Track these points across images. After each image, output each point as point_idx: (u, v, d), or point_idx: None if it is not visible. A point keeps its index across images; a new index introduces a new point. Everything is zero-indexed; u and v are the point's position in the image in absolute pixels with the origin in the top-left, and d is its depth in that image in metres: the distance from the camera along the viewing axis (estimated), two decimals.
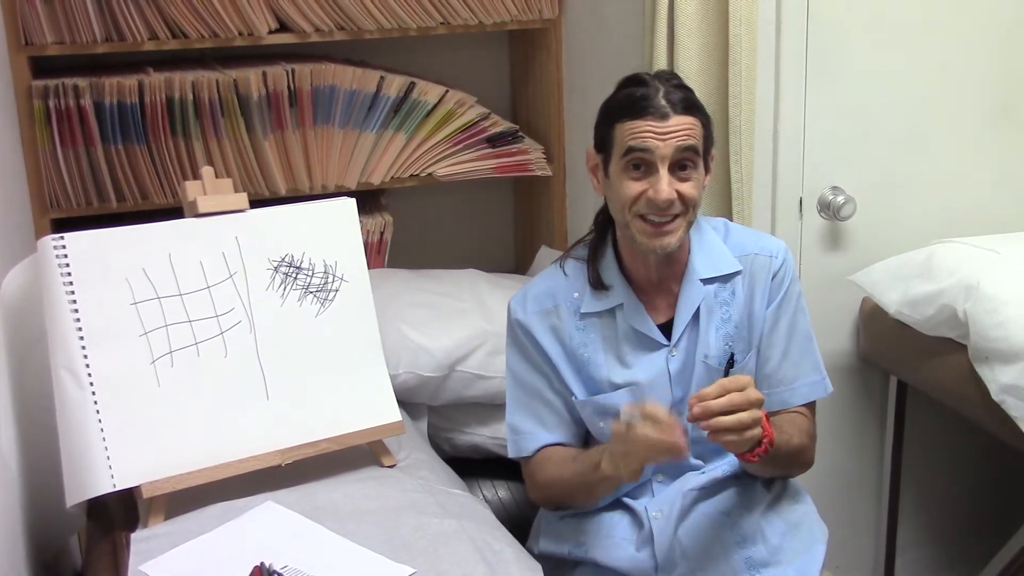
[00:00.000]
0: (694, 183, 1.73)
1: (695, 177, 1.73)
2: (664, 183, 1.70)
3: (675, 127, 1.70)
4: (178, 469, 1.73)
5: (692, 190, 1.73)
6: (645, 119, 1.71)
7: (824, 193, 2.41)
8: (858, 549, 2.64)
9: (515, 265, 3.21)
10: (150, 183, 2.53)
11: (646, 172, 1.72)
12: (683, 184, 1.72)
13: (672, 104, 1.71)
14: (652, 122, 1.70)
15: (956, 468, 2.65)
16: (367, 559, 1.60)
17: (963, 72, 2.43)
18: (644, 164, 1.72)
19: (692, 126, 1.72)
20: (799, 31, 2.31)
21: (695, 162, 1.73)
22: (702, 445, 1.83)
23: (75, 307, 1.70)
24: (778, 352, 1.85)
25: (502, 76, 3.09)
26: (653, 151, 1.70)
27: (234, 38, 2.52)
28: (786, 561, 1.84)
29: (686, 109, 1.72)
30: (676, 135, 1.70)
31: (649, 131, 1.71)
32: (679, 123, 1.71)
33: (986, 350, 2.05)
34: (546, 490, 1.89)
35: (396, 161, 2.74)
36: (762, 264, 1.85)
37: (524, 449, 1.89)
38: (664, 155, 1.70)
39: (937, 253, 2.28)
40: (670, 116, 1.71)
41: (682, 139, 1.71)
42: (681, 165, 1.72)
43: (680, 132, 1.71)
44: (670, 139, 1.70)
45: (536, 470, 1.89)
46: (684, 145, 1.71)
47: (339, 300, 1.91)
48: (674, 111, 1.71)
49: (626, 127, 1.73)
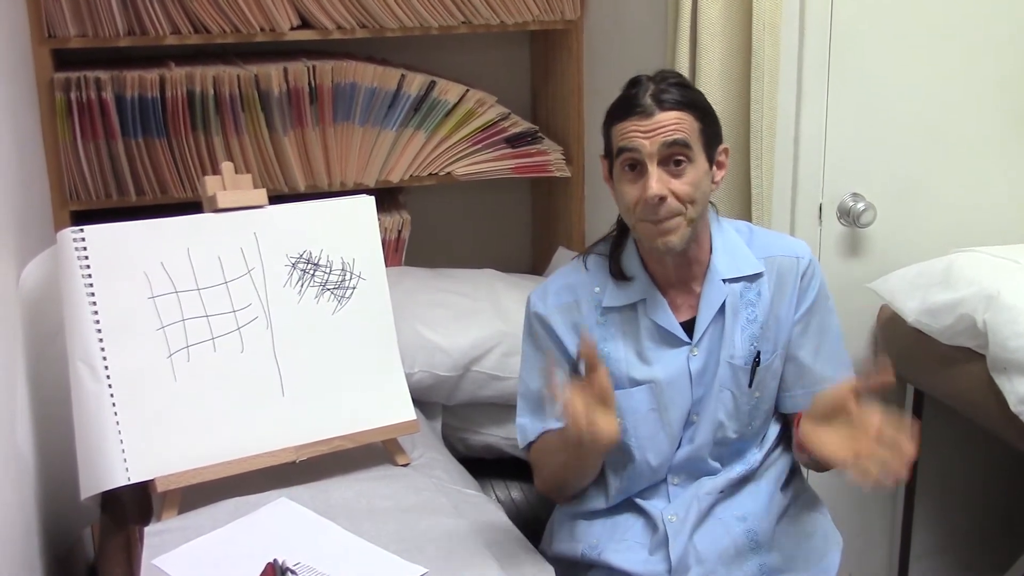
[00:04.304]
0: (689, 179, 1.71)
1: (690, 172, 1.72)
2: (652, 180, 1.69)
3: (659, 123, 1.70)
4: (193, 464, 1.73)
5: (686, 186, 1.71)
6: (631, 119, 1.71)
7: (844, 199, 2.39)
8: (872, 557, 2.63)
9: (532, 266, 3.20)
10: (169, 177, 2.53)
11: (640, 172, 1.72)
12: (676, 180, 1.71)
13: (658, 101, 1.70)
14: (637, 121, 1.70)
15: (971, 478, 2.63)
16: (380, 558, 1.60)
17: (986, 79, 2.42)
18: (636, 164, 1.72)
19: (679, 120, 1.70)
20: (822, 36, 2.30)
21: (688, 156, 1.71)
22: (720, 448, 1.83)
23: (93, 300, 1.70)
24: (811, 351, 1.84)
25: (523, 76, 3.09)
26: (640, 150, 1.70)
27: (256, 34, 2.53)
28: (800, 569, 1.83)
29: (674, 105, 1.71)
30: (661, 131, 1.69)
31: (634, 130, 1.70)
32: (664, 119, 1.70)
33: (1005, 360, 2.03)
34: (546, 475, 1.88)
35: (415, 159, 2.74)
36: (788, 266, 1.84)
37: (527, 436, 1.87)
38: (651, 152, 1.69)
39: (957, 262, 2.26)
40: (655, 113, 1.70)
41: (667, 134, 1.69)
42: (675, 161, 1.71)
43: (665, 128, 1.69)
44: (655, 135, 1.69)
45: (537, 456, 1.88)
46: (669, 140, 1.69)
47: (356, 298, 1.91)
48: (660, 108, 1.70)
49: (617, 129, 1.74)
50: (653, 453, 1.82)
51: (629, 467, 1.83)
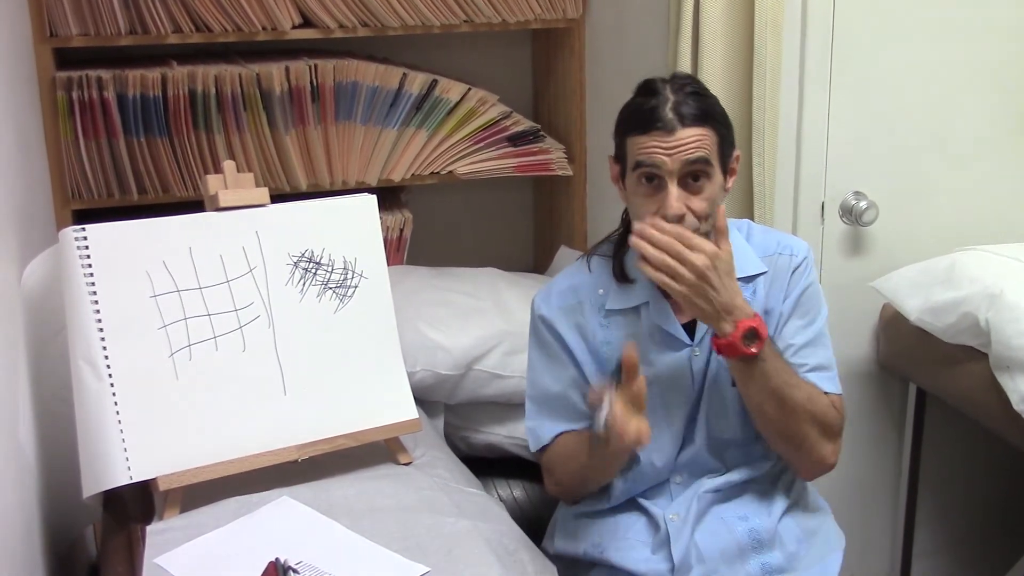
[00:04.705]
0: (707, 195, 1.70)
1: (708, 188, 1.71)
2: (672, 199, 1.68)
3: (683, 141, 1.67)
4: (195, 462, 1.73)
5: (703, 203, 1.70)
6: (651, 134, 1.68)
7: (846, 198, 2.39)
8: (875, 557, 2.63)
9: (534, 265, 3.20)
10: (171, 176, 2.53)
11: (658, 186, 1.70)
12: (694, 197, 1.70)
13: (680, 116, 1.68)
14: (659, 137, 1.68)
15: (974, 477, 2.63)
16: (381, 557, 1.59)
17: (988, 78, 2.41)
18: (654, 177, 1.70)
19: (701, 136, 1.69)
20: (824, 34, 2.29)
21: (708, 172, 1.70)
22: (722, 448, 1.83)
23: (95, 299, 1.70)
24: (788, 342, 1.82)
25: (524, 75, 3.09)
26: (660, 167, 1.68)
27: (257, 33, 2.53)
28: (803, 568, 1.83)
29: (695, 120, 1.69)
30: (683, 149, 1.67)
31: (656, 146, 1.68)
32: (687, 136, 1.68)
33: (1008, 359, 2.03)
34: (563, 476, 1.87)
35: (417, 158, 2.74)
36: (784, 263, 1.84)
37: (541, 439, 1.88)
38: (671, 170, 1.68)
39: (960, 260, 2.26)
40: (677, 129, 1.67)
41: (690, 152, 1.68)
42: (693, 176, 1.70)
43: (688, 145, 1.68)
44: (677, 154, 1.67)
45: (552, 458, 1.88)
46: (692, 158, 1.68)
47: (358, 297, 1.91)
48: (682, 123, 1.68)
49: (635, 142, 1.71)
50: (657, 454, 1.82)
51: (634, 468, 1.84)
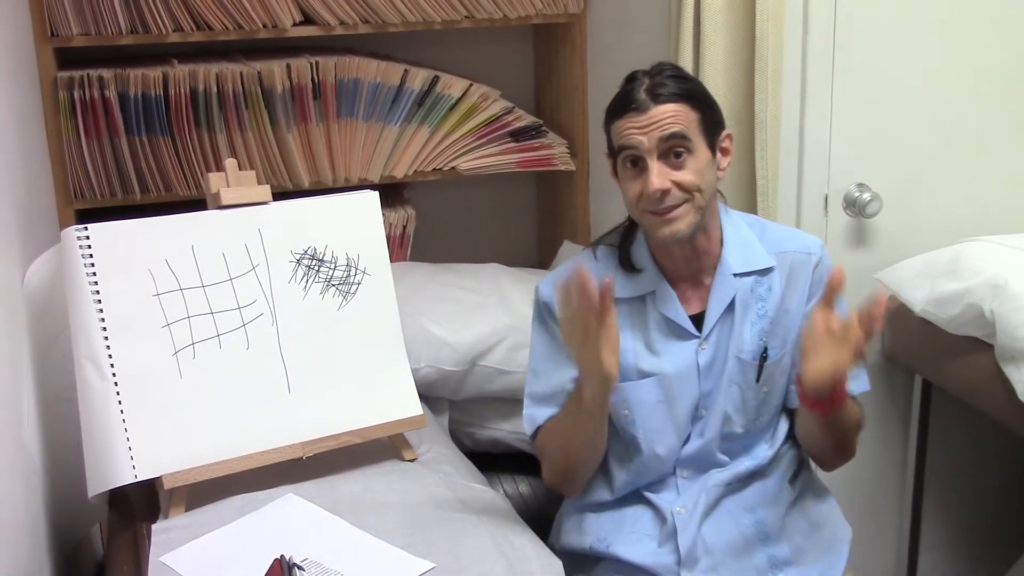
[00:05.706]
0: (691, 169, 1.71)
1: (691, 162, 1.71)
2: (653, 175, 1.69)
3: (655, 118, 1.69)
4: (199, 460, 1.73)
5: (689, 176, 1.71)
6: (627, 116, 1.71)
7: (850, 190, 2.39)
8: (881, 549, 2.62)
9: (537, 260, 3.20)
10: (173, 175, 2.53)
11: (641, 168, 1.72)
12: (678, 172, 1.71)
13: (653, 96, 1.70)
14: (633, 117, 1.70)
15: (980, 469, 2.62)
16: (387, 553, 1.60)
17: (991, 69, 2.41)
18: (638, 160, 1.72)
19: (675, 112, 1.70)
20: (826, 27, 2.29)
21: (688, 147, 1.71)
22: (726, 441, 1.83)
23: (98, 298, 1.70)
24: None
25: (526, 70, 3.09)
26: (638, 147, 1.70)
27: (259, 30, 2.52)
28: (810, 561, 1.83)
29: (669, 98, 1.70)
30: (657, 125, 1.69)
31: (631, 127, 1.71)
32: (659, 112, 1.69)
33: (1013, 350, 2.03)
34: (552, 454, 1.85)
35: (419, 155, 2.74)
36: (801, 261, 1.84)
37: (536, 421, 1.86)
38: (649, 148, 1.70)
39: (964, 251, 2.25)
40: (650, 108, 1.70)
41: (664, 128, 1.69)
42: (675, 154, 1.71)
43: (662, 121, 1.69)
44: (651, 131, 1.69)
45: (545, 439, 1.86)
46: (667, 134, 1.69)
47: (361, 293, 1.91)
48: (655, 102, 1.70)
49: (615, 127, 1.74)
50: (660, 445, 1.81)
51: (636, 459, 1.83)
